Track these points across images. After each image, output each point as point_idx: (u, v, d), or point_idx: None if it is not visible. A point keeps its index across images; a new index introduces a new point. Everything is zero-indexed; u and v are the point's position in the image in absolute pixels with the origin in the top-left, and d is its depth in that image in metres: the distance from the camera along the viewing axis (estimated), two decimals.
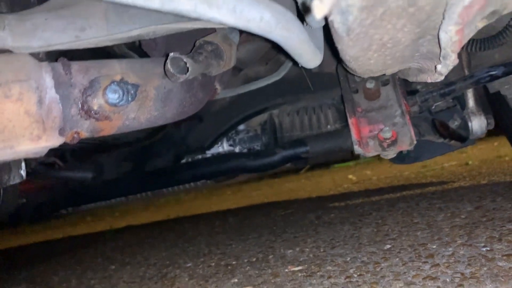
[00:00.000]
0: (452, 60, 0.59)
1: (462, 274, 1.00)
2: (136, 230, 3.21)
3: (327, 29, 0.66)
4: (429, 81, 0.78)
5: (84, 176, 1.59)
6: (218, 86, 1.16)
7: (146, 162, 1.66)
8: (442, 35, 0.54)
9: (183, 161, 1.65)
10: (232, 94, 1.49)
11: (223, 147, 1.69)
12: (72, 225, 4.99)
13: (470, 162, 3.30)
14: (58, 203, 1.71)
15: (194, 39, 0.94)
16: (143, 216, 4.60)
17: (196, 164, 1.53)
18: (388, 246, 1.34)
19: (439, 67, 0.63)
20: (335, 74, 1.45)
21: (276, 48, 0.66)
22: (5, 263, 2.87)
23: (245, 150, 1.67)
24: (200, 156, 1.64)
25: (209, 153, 1.66)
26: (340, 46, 0.60)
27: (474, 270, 1.00)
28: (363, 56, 0.62)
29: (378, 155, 1.32)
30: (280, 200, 3.50)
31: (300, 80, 1.59)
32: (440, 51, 0.58)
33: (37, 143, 0.72)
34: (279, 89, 1.58)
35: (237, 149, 1.67)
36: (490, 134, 1.69)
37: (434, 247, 1.24)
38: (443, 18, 0.52)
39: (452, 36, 0.53)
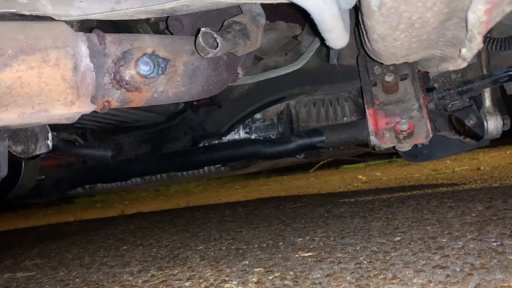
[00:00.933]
0: (477, 43, 0.60)
1: (472, 264, 1.01)
2: (146, 216, 3.25)
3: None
4: (451, 68, 0.80)
5: (103, 154, 1.63)
6: (240, 71, 1.19)
7: (164, 144, 1.70)
8: (470, 15, 0.56)
9: (200, 145, 1.68)
10: (252, 80, 1.52)
11: (240, 134, 1.72)
12: (83, 210, 5.07)
13: (481, 168, 3.29)
14: (76, 180, 1.75)
15: (220, 22, 0.97)
16: (153, 205, 4.65)
17: (213, 148, 1.56)
18: (398, 238, 1.36)
19: (463, 51, 0.65)
20: (352, 67, 1.47)
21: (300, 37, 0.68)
22: (17, 240, 2.93)
23: (261, 138, 1.70)
24: (216, 142, 1.67)
25: (225, 139, 1.69)
26: (370, 22, 0.62)
27: (484, 261, 1.02)
28: (391, 36, 0.64)
29: (388, 159, 1.34)
30: (289, 195, 3.52)
31: (319, 72, 1.61)
32: (467, 33, 0.60)
33: (70, 108, 0.76)
34: (297, 79, 1.60)
35: (253, 137, 1.70)
36: (503, 142, 1.70)
37: (444, 240, 1.25)
38: None
39: (481, 16, 0.54)
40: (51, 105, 0.74)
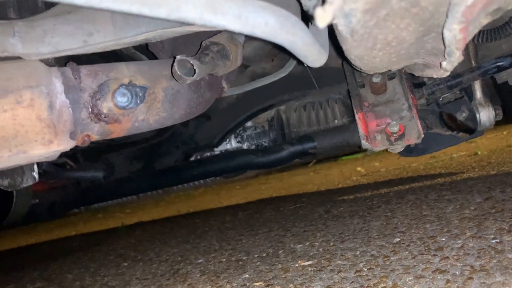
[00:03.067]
0: (457, 57, 0.59)
1: (472, 267, 1.00)
2: (147, 227, 3.24)
3: (331, 27, 0.66)
4: (434, 76, 0.78)
5: (95, 175, 1.62)
6: (225, 85, 1.17)
7: (155, 160, 1.69)
8: (446, 33, 0.54)
9: (192, 158, 1.66)
10: (239, 91, 1.50)
11: (231, 144, 1.70)
12: (84, 222, 5.05)
13: (479, 152, 3.28)
14: (71, 202, 1.73)
15: (200, 40, 0.95)
16: (154, 212, 4.64)
17: (205, 161, 1.55)
18: (398, 239, 1.35)
19: (444, 63, 0.63)
20: (340, 68, 1.46)
21: (281, 47, 0.67)
22: (19, 261, 2.92)
23: (253, 147, 1.68)
24: (208, 154, 1.65)
25: (217, 150, 1.68)
26: (344, 46, 0.61)
27: (484, 262, 1.01)
28: (368, 55, 0.62)
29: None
30: (289, 194, 3.51)
31: (306, 76, 1.59)
32: (445, 48, 0.58)
33: (49, 147, 0.74)
34: (286, 85, 1.58)
35: (245, 146, 1.69)
36: (499, 123, 1.68)
37: (443, 239, 1.24)
38: (447, 17, 0.53)
39: (456, 34, 0.53)
40: (29, 146, 0.72)
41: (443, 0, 0.50)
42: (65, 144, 0.75)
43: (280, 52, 1.61)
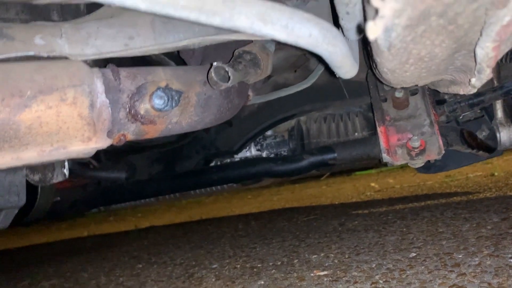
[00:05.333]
0: (486, 75, 0.61)
1: (489, 284, 1.01)
2: (160, 230, 3.27)
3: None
4: (461, 93, 0.80)
5: (117, 176, 1.66)
6: (251, 93, 1.20)
7: (176, 163, 1.72)
8: (479, 51, 0.56)
9: (212, 164, 1.69)
10: (262, 100, 1.53)
11: (251, 151, 1.73)
12: (96, 224, 5.11)
13: (496, 173, 3.25)
14: (91, 201, 1.77)
15: (229, 49, 0.99)
16: (165, 217, 4.67)
17: (225, 167, 1.58)
18: (413, 254, 1.35)
19: (473, 80, 0.65)
20: (363, 82, 1.48)
21: (308, 54, 0.70)
22: (33, 257, 2.97)
23: (272, 155, 1.71)
24: (228, 160, 1.68)
25: (237, 157, 1.71)
26: (379, 59, 0.64)
27: (502, 280, 1.01)
28: (400, 69, 0.65)
29: (401, 164, 1.33)
30: (302, 205, 3.52)
31: (328, 88, 1.62)
32: (476, 65, 0.60)
33: (87, 144, 0.78)
34: (308, 96, 1.61)
35: (264, 154, 1.71)
36: None
37: (460, 256, 1.24)
38: (481, 35, 0.55)
39: (489, 52, 0.55)
40: (69, 142, 0.76)
41: (479, 19, 0.53)
42: (103, 142, 0.79)
43: (303, 64, 1.64)
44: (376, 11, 0.45)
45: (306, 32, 0.59)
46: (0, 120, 0.68)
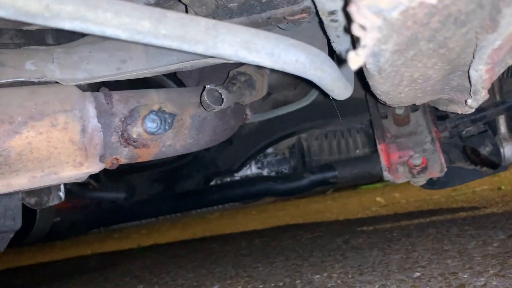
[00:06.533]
0: (482, 96, 0.60)
1: None
2: (163, 249, 3.25)
3: None
4: (459, 112, 0.79)
5: (117, 196, 1.64)
6: (248, 112, 1.19)
7: (176, 183, 1.71)
8: (472, 73, 0.55)
9: (212, 183, 1.68)
10: (261, 118, 1.52)
11: (252, 169, 1.71)
12: (100, 242, 5.08)
13: (503, 187, 3.20)
14: (91, 222, 1.76)
15: (227, 69, 0.98)
16: (169, 234, 4.64)
17: (226, 186, 1.56)
18: (418, 274, 1.32)
19: (469, 101, 0.64)
20: (363, 98, 1.47)
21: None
22: (36, 278, 2.94)
23: (273, 173, 1.69)
24: (229, 179, 1.67)
25: (237, 175, 1.69)
26: (371, 82, 0.62)
27: None
28: (394, 91, 0.64)
29: None
30: (307, 221, 3.48)
31: (329, 105, 1.60)
32: (471, 86, 0.59)
33: (79, 169, 0.77)
34: (308, 113, 1.60)
35: (265, 172, 1.69)
36: None
37: (465, 276, 1.21)
38: (473, 58, 0.54)
39: (483, 75, 0.54)
40: (61, 167, 0.75)
41: (470, 42, 0.52)
42: (95, 167, 0.78)
43: (303, 82, 1.64)
44: (358, 40, 0.44)
45: (293, 58, 0.58)
46: None
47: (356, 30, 0.43)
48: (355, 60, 0.43)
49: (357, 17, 0.42)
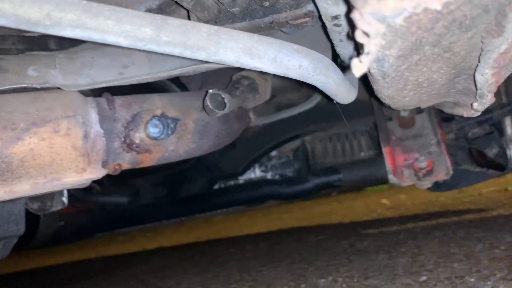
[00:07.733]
0: (488, 99, 0.59)
1: None
2: (168, 252, 3.24)
3: None
4: (465, 115, 0.78)
5: (120, 200, 1.64)
6: (252, 116, 1.19)
7: (180, 187, 1.70)
8: (478, 77, 0.54)
9: (216, 186, 1.67)
10: (266, 121, 1.51)
11: (256, 172, 1.71)
12: (104, 245, 5.08)
13: (510, 188, 3.18)
14: (96, 226, 1.76)
15: (230, 72, 0.97)
16: (174, 237, 4.64)
17: (230, 190, 1.55)
18: (424, 277, 1.31)
19: (475, 105, 0.63)
20: (368, 101, 1.46)
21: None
22: (41, 282, 2.95)
23: (277, 176, 1.68)
24: (233, 182, 1.66)
25: (241, 178, 1.68)
26: (375, 86, 0.62)
27: None
28: (398, 95, 0.63)
29: None
30: (312, 224, 3.46)
31: (333, 107, 1.59)
32: (477, 90, 0.58)
33: (81, 175, 0.76)
34: (312, 116, 1.59)
35: (269, 175, 1.69)
36: None
37: (472, 280, 1.20)
38: (479, 62, 0.53)
39: (489, 79, 0.53)
40: (63, 173, 0.74)
41: (476, 46, 0.51)
42: (97, 173, 0.77)
43: (306, 84, 1.63)
44: (361, 46, 0.43)
45: (296, 64, 0.58)
46: None
47: (359, 37, 0.42)
48: (358, 67, 0.42)
49: (360, 24, 0.41)
